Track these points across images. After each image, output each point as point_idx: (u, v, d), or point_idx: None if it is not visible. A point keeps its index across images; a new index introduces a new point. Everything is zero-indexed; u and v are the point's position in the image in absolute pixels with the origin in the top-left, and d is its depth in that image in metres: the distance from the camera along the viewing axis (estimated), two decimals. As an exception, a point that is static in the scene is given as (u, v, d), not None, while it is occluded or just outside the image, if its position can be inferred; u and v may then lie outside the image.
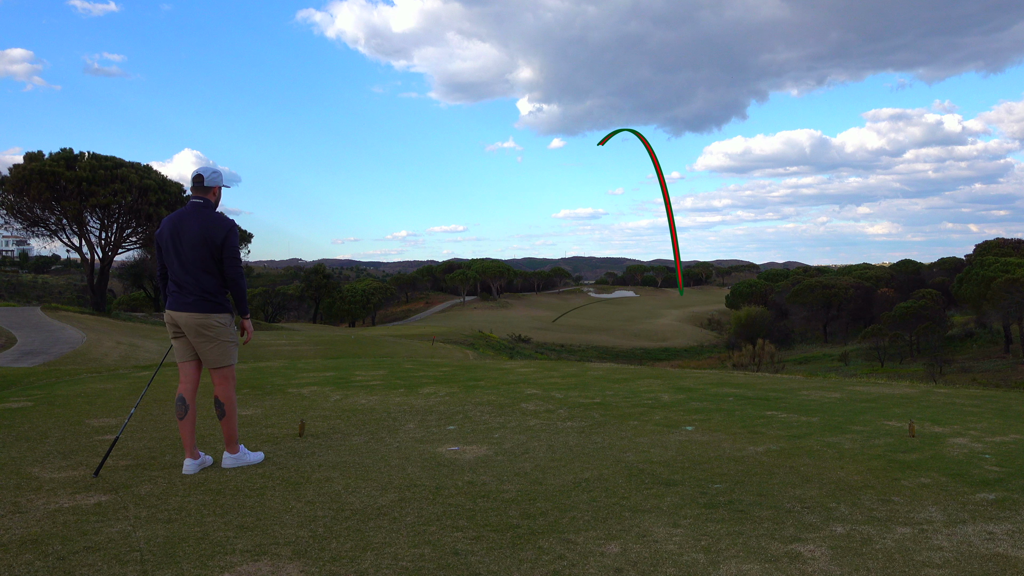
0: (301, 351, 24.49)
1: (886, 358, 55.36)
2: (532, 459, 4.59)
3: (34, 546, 3.05)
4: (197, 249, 4.33)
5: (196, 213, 4.41)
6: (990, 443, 4.96)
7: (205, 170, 4.50)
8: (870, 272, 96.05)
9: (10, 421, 5.95)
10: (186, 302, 4.37)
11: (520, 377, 9.00)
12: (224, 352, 4.46)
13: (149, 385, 5.25)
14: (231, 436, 4.47)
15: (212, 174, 4.51)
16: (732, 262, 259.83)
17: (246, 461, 4.49)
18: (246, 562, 2.90)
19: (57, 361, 19.52)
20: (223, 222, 4.41)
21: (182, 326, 4.41)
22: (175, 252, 4.38)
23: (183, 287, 4.37)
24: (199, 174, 4.49)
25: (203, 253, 4.34)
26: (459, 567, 2.85)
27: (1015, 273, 51.26)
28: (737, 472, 4.23)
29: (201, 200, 4.46)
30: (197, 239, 4.33)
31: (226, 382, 4.49)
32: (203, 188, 4.48)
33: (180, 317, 4.40)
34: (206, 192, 4.49)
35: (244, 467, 4.42)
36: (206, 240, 4.33)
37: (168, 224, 4.44)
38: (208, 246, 4.33)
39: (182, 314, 4.38)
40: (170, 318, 4.45)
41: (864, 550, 3.00)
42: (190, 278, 4.36)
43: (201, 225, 4.35)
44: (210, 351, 4.43)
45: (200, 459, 4.43)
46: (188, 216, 4.40)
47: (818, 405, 6.67)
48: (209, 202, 4.48)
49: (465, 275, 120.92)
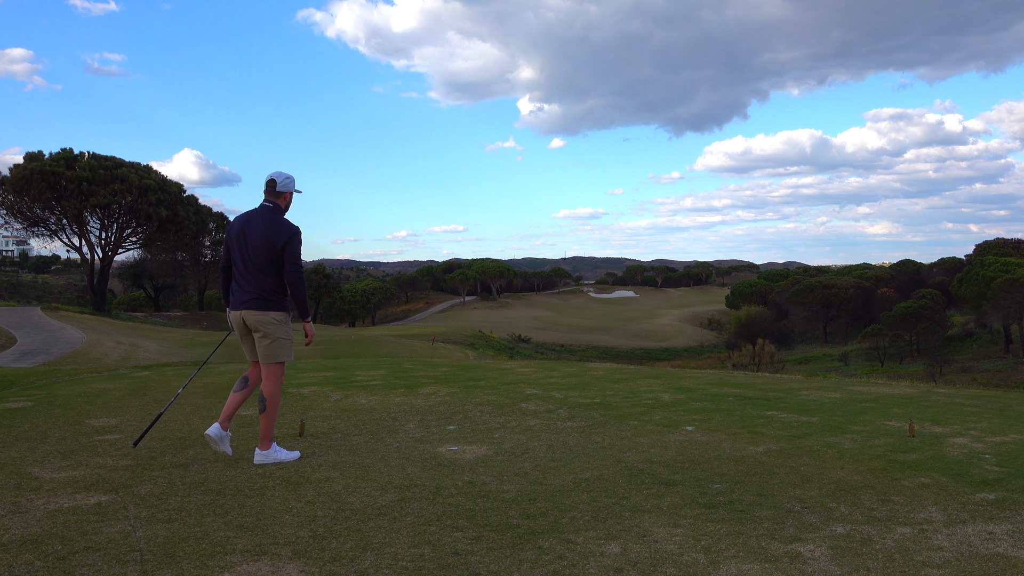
0: (301, 351, 24.48)
1: (886, 358, 55.36)
2: (532, 459, 4.59)
3: (34, 546, 3.05)
4: (259, 251, 4.49)
5: (264, 215, 4.57)
6: (990, 443, 4.96)
7: (279, 175, 4.64)
8: (870, 272, 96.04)
9: (10, 421, 5.95)
10: (243, 300, 4.55)
11: (520, 377, 9.00)
12: (277, 349, 4.59)
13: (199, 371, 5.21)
14: (266, 432, 4.58)
15: (285, 179, 4.65)
16: (732, 262, 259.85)
17: (276, 459, 4.56)
18: (246, 562, 2.90)
19: (57, 361, 19.53)
20: (287, 228, 4.54)
21: (243, 322, 4.59)
22: (239, 251, 4.56)
23: (243, 286, 4.56)
24: (272, 179, 4.63)
25: (265, 255, 4.49)
26: (459, 567, 2.85)
27: (1015, 273, 51.25)
28: (737, 472, 4.23)
29: (271, 204, 4.61)
30: (260, 241, 4.49)
31: (273, 378, 4.62)
32: (275, 192, 4.62)
33: (237, 315, 4.59)
34: (277, 197, 4.63)
35: (245, 467, 4.42)
36: (268, 243, 4.48)
37: (237, 223, 4.62)
38: (270, 249, 4.48)
39: (240, 312, 4.57)
40: (231, 316, 4.64)
41: (864, 550, 3.00)
42: (250, 277, 4.53)
43: (266, 228, 4.51)
44: (264, 347, 4.58)
45: (225, 434, 4.56)
46: (256, 218, 4.58)
47: (818, 405, 6.67)
48: (279, 206, 4.63)
49: (465, 275, 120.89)
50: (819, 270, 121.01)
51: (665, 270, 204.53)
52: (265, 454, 4.55)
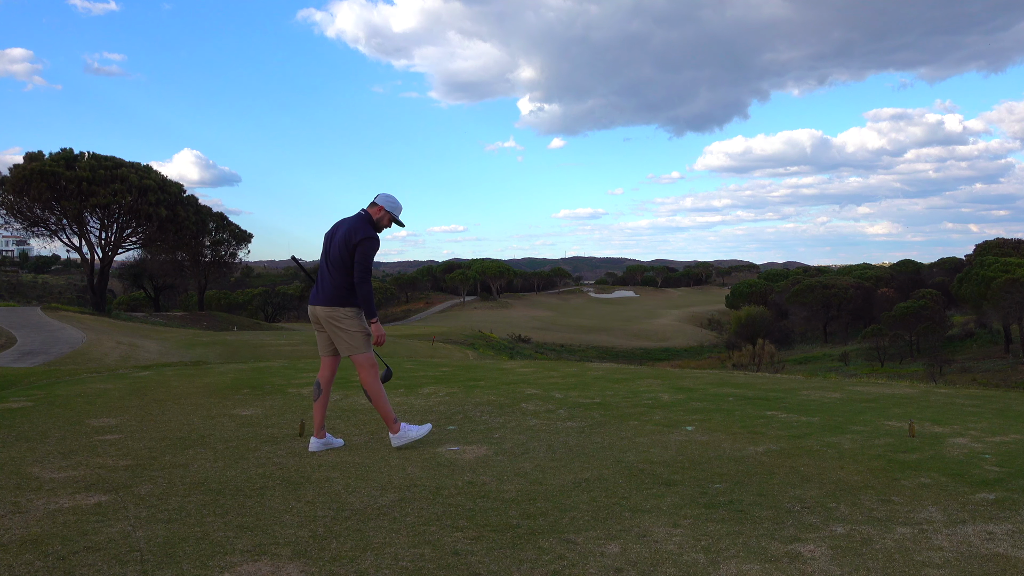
0: (301, 351, 24.48)
1: (886, 358, 55.36)
2: (532, 459, 4.59)
3: (34, 546, 3.05)
4: (339, 249, 4.75)
5: (354, 219, 4.84)
6: (990, 443, 4.96)
7: (383, 193, 4.93)
8: (870, 272, 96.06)
9: (10, 421, 5.95)
10: (319, 296, 4.83)
11: (520, 377, 9.00)
12: (352, 342, 4.80)
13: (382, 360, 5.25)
14: (386, 418, 4.83)
15: (386, 197, 4.92)
16: (732, 262, 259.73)
17: (409, 438, 4.87)
18: (246, 562, 2.90)
19: (57, 361, 19.53)
20: (365, 231, 4.76)
21: (317, 318, 4.85)
22: (325, 250, 4.86)
23: (321, 282, 4.83)
24: (378, 194, 4.93)
25: (342, 253, 4.74)
26: (459, 567, 2.85)
27: (1015, 273, 51.25)
28: (737, 472, 4.23)
29: (365, 212, 4.89)
30: (341, 240, 4.75)
31: (363, 370, 4.86)
32: (372, 204, 4.91)
33: (313, 310, 4.87)
34: (372, 207, 4.90)
35: (245, 467, 4.42)
36: (347, 242, 4.73)
37: (333, 226, 4.92)
38: (346, 247, 4.73)
39: (315, 307, 4.85)
40: (309, 312, 4.93)
41: (864, 550, 3.00)
42: (328, 275, 4.79)
43: (349, 228, 4.77)
44: (339, 341, 4.83)
45: (324, 440, 4.88)
46: (346, 220, 4.87)
47: (818, 405, 6.67)
48: (370, 216, 4.87)
49: (465, 275, 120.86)
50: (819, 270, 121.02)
51: (665, 270, 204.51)
52: (398, 437, 4.85)
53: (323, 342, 4.95)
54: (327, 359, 5.00)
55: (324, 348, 4.97)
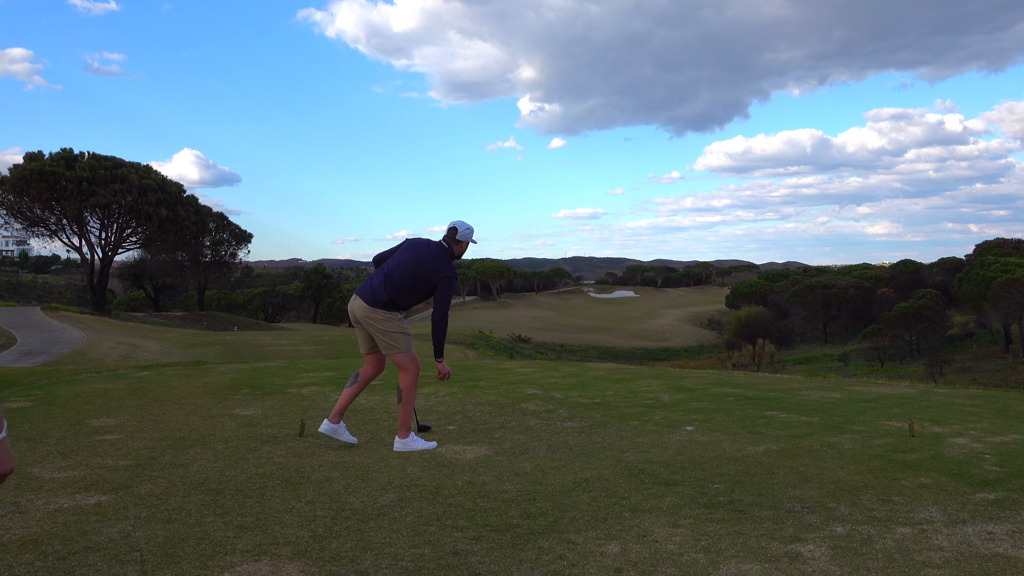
0: (301, 351, 24.50)
1: (886, 358, 55.34)
2: (532, 459, 4.59)
3: (34, 546, 3.05)
4: (409, 271, 4.76)
5: (438, 250, 4.85)
6: (990, 443, 4.96)
7: (460, 224, 4.96)
8: (870, 272, 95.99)
9: (10, 421, 5.94)
10: (362, 293, 4.83)
11: (520, 377, 9.00)
12: (392, 341, 4.81)
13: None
14: (403, 422, 4.85)
15: (465, 230, 4.97)
16: (732, 262, 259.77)
17: (413, 447, 4.81)
18: (246, 562, 2.90)
19: (57, 361, 19.53)
20: (446, 270, 4.79)
21: (355, 315, 4.86)
22: (398, 258, 4.84)
23: (371, 282, 4.82)
24: (454, 227, 4.95)
25: (413, 280, 4.76)
26: (459, 567, 2.85)
27: (1015, 273, 51.25)
28: (737, 472, 4.23)
29: (447, 246, 4.91)
30: (415, 266, 4.76)
31: (403, 371, 4.87)
32: (454, 240, 4.94)
33: (352, 306, 4.87)
34: (456, 244, 4.95)
35: (245, 467, 4.42)
36: (423, 271, 4.76)
37: (416, 243, 4.93)
38: (418, 275, 4.76)
39: (355, 304, 4.85)
40: (349, 308, 4.93)
41: (864, 550, 3.00)
42: (383, 281, 4.78)
43: (430, 260, 4.78)
44: (381, 342, 4.84)
45: (337, 425, 4.87)
46: (431, 246, 4.88)
47: (818, 405, 6.67)
48: (452, 251, 4.92)
49: (465, 275, 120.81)
50: (819, 270, 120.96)
51: (665, 270, 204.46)
52: (404, 443, 4.80)
53: (363, 339, 4.96)
54: (370, 356, 5.00)
55: (364, 345, 4.97)
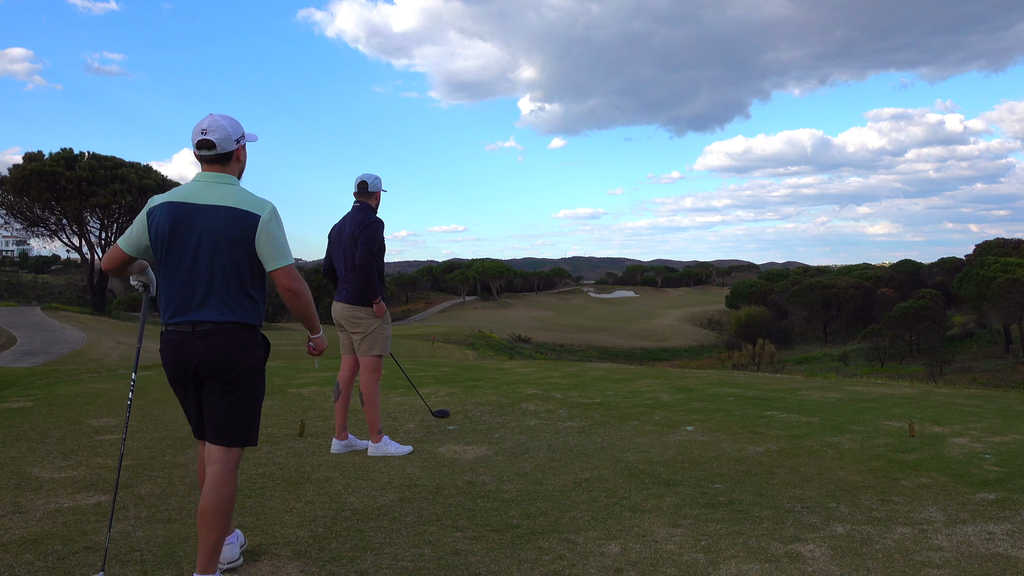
0: (301, 351, 24.48)
1: (886, 358, 55.33)
2: (532, 459, 4.59)
3: (34, 546, 3.05)
4: (353, 248, 4.73)
5: (355, 215, 4.80)
6: (990, 443, 4.96)
7: (368, 176, 4.86)
8: (870, 272, 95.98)
9: (10, 421, 5.94)
10: (340, 295, 4.84)
11: (520, 377, 9.00)
12: (370, 342, 4.80)
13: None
14: (372, 425, 4.78)
15: (375, 180, 4.88)
16: (732, 262, 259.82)
17: (386, 452, 4.73)
18: (246, 562, 2.90)
19: (57, 361, 19.52)
20: (370, 219, 4.76)
21: (337, 317, 4.86)
22: (340, 251, 4.82)
23: (343, 283, 4.84)
24: (363, 180, 4.85)
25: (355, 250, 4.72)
26: (459, 567, 2.85)
27: (1015, 273, 51.25)
28: (737, 472, 4.23)
29: (361, 204, 4.84)
30: (349, 239, 4.75)
31: (367, 372, 4.84)
32: (366, 193, 4.85)
33: (334, 308, 4.85)
34: (368, 197, 4.87)
35: (245, 467, 4.42)
36: (355, 238, 4.72)
37: (335, 227, 4.91)
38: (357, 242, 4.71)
39: (336, 305, 4.84)
40: (332, 310, 4.90)
41: (864, 550, 3.00)
42: (345, 277, 4.80)
43: (355, 225, 4.75)
44: (358, 342, 4.82)
45: (346, 441, 4.84)
46: (349, 218, 4.82)
47: (818, 405, 6.67)
48: (369, 206, 4.85)
49: (465, 275, 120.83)
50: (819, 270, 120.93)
51: (665, 270, 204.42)
52: (377, 447, 4.76)
53: (345, 341, 4.95)
54: (347, 357, 4.97)
55: (345, 347, 4.97)
